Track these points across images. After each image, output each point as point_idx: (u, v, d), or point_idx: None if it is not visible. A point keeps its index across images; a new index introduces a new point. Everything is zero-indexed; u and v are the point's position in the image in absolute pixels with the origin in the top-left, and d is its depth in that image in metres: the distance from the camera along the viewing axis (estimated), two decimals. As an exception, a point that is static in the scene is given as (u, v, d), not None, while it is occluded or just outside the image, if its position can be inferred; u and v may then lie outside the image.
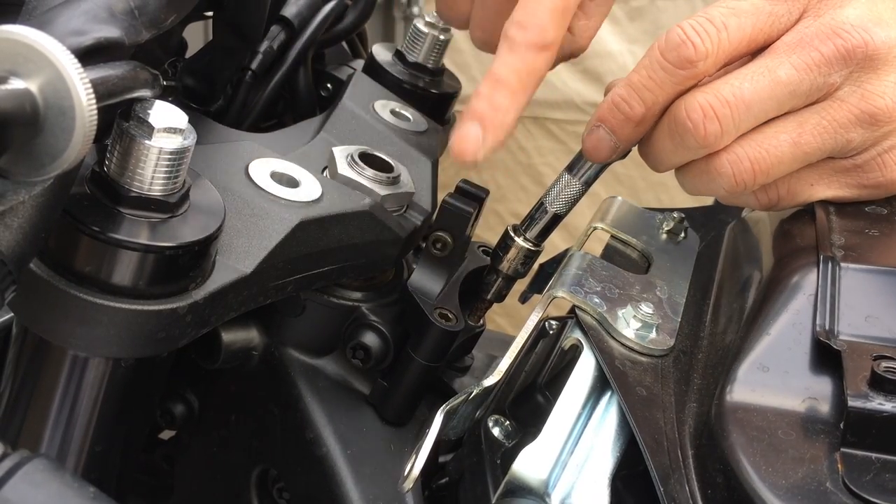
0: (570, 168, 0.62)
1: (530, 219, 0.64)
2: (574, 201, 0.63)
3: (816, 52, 0.54)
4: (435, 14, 0.77)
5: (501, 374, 0.57)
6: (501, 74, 0.58)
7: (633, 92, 0.56)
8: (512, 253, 0.64)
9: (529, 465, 0.47)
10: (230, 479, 0.66)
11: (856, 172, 0.58)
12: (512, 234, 0.64)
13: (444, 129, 0.76)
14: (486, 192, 0.65)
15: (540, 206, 0.64)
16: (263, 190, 0.55)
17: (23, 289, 0.40)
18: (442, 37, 0.77)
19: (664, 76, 0.55)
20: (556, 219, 0.64)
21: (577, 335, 0.55)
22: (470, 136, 0.57)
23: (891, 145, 0.56)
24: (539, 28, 0.57)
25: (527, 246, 0.64)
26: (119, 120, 0.45)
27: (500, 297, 0.68)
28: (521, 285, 0.74)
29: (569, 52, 0.65)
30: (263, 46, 0.71)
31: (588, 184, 0.62)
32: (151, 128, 0.44)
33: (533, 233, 0.64)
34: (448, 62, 0.80)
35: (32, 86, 0.37)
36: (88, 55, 0.41)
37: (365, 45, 0.86)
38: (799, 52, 0.54)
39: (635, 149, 0.61)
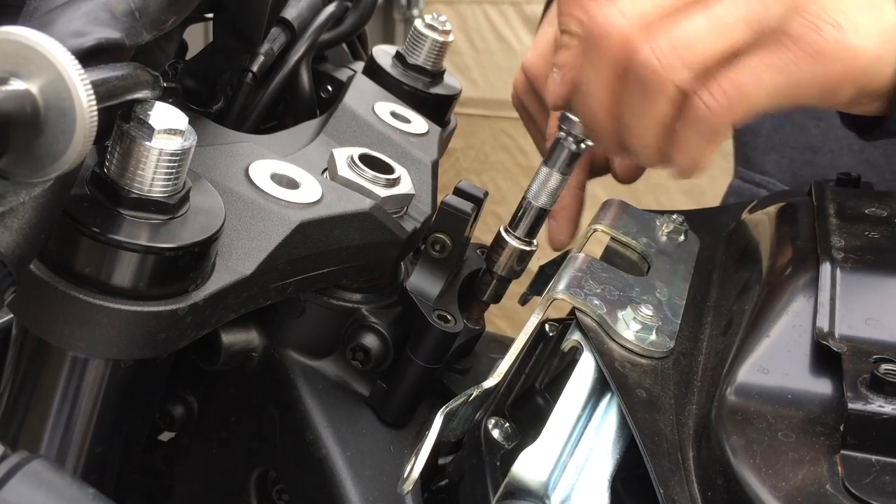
0: (547, 160, 0.62)
1: (517, 216, 0.64)
2: (555, 192, 0.63)
3: None
4: (435, 16, 0.77)
5: (501, 375, 0.57)
6: None
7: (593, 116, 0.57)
8: (505, 254, 0.65)
9: (529, 466, 0.47)
10: (229, 480, 0.66)
11: (795, 45, 0.54)
12: (504, 236, 0.64)
13: (444, 131, 0.77)
14: (485, 193, 0.66)
15: (524, 202, 0.64)
16: (263, 191, 0.55)
17: (22, 290, 0.40)
18: (442, 39, 0.77)
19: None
20: (542, 213, 0.64)
21: (577, 337, 0.55)
22: None
23: (815, 9, 0.54)
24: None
25: (520, 246, 0.64)
26: (119, 121, 0.45)
27: (497, 298, 0.68)
28: (520, 287, 0.74)
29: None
30: (264, 48, 0.71)
31: (565, 173, 0.62)
32: (152, 129, 0.44)
33: (522, 230, 0.64)
34: (448, 64, 0.80)
35: (33, 87, 0.37)
36: (89, 56, 0.41)
37: (365, 47, 0.86)
38: None
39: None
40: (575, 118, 0.60)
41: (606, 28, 0.54)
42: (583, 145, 0.61)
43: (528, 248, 0.65)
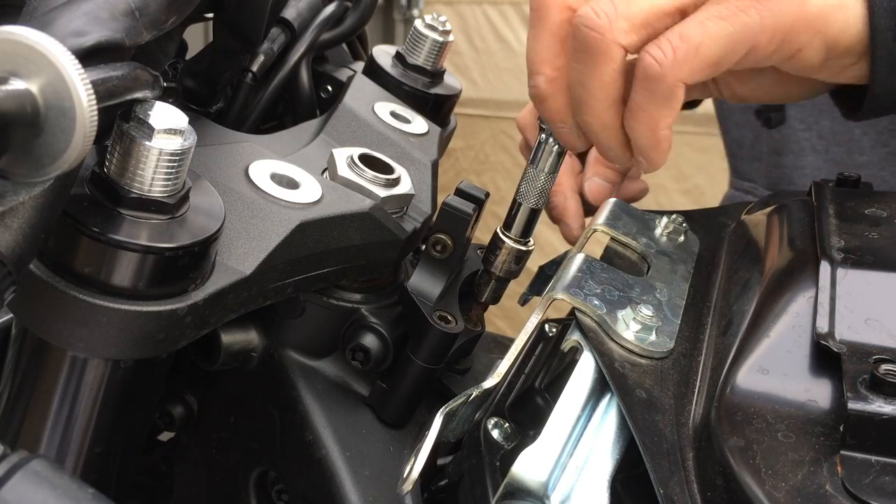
0: (532, 161, 0.63)
1: (510, 217, 0.64)
2: (544, 192, 0.63)
3: None
4: (435, 16, 0.78)
5: (501, 376, 0.57)
6: None
7: (589, 122, 0.56)
8: (502, 254, 0.65)
9: (529, 467, 0.47)
10: (229, 480, 0.66)
11: None
12: (501, 236, 0.64)
13: (444, 131, 0.77)
14: (487, 193, 0.66)
15: (515, 204, 0.64)
16: (263, 191, 0.55)
17: (22, 290, 0.40)
18: (442, 39, 0.77)
19: None
20: (534, 213, 0.64)
21: (577, 337, 0.55)
22: None
23: None
24: None
25: (516, 246, 0.64)
26: (119, 121, 0.45)
27: (496, 298, 0.68)
28: (520, 287, 0.74)
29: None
30: (264, 48, 0.71)
31: (552, 171, 0.62)
32: (152, 129, 0.44)
33: (516, 231, 0.64)
34: (448, 65, 0.80)
35: (33, 86, 0.37)
36: (89, 56, 0.41)
37: (365, 47, 0.86)
38: None
39: None
40: None
41: (592, 32, 0.52)
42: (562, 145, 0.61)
43: (524, 248, 0.65)
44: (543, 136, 0.62)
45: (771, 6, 0.53)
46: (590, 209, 0.91)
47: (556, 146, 0.62)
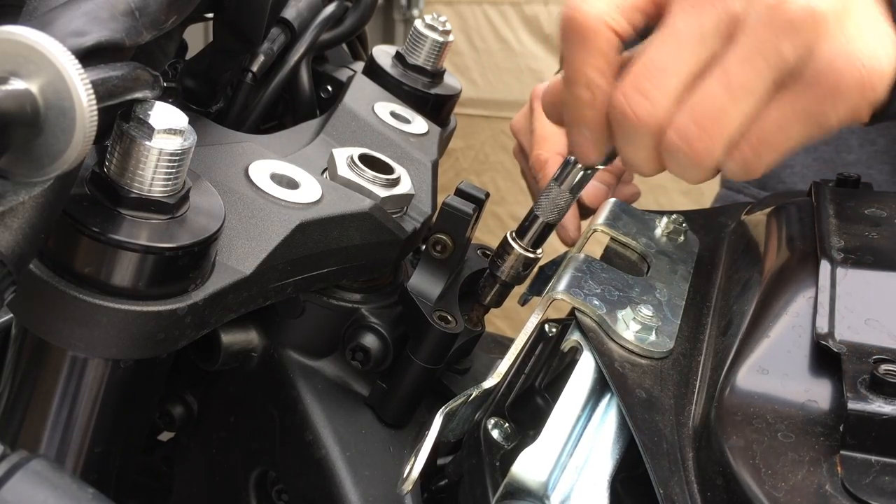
0: (557, 178, 0.62)
1: (525, 226, 0.64)
2: (563, 210, 0.63)
3: None
4: (435, 16, 0.78)
5: (501, 376, 0.57)
6: None
7: (570, 85, 0.56)
8: (510, 260, 0.64)
9: (529, 467, 0.47)
10: (229, 480, 0.66)
11: (813, 88, 0.52)
12: (511, 242, 0.64)
13: (444, 131, 0.77)
14: (487, 194, 0.66)
15: (531, 216, 0.64)
16: (263, 191, 0.55)
17: (22, 290, 0.40)
18: (442, 39, 0.77)
19: (579, 53, 0.55)
20: (549, 227, 0.64)
21: (577, 337, 0.55)
22: None
23: (831, 47, 0.52)
24: None
25: (526, 254, 0.64)
26: (119, 121, 0.45)
27: (499, 302, 0.68)
28: (521, 288, 0.74)
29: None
30: (264, 48, 0.71)
31: (575, 192, 0.62)
32: (152, 129, 0.44)
33: (528, 241, 0.64)
34: (448, 65, 0.80)
35: (33, 86, 0.37)
36: (89, 56, 0.41)
37: (365, 47, 0.86)
38: None
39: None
40: None
41: (643, 121, 0.53)
42: (591, 170, 0.61)
43: (532, 256, 0.65)
44: (572, 156, 0.61)
45: (848, 98, 0.52)
46: (585, 212, 0.91)
47: (584, 169, 0.61)
